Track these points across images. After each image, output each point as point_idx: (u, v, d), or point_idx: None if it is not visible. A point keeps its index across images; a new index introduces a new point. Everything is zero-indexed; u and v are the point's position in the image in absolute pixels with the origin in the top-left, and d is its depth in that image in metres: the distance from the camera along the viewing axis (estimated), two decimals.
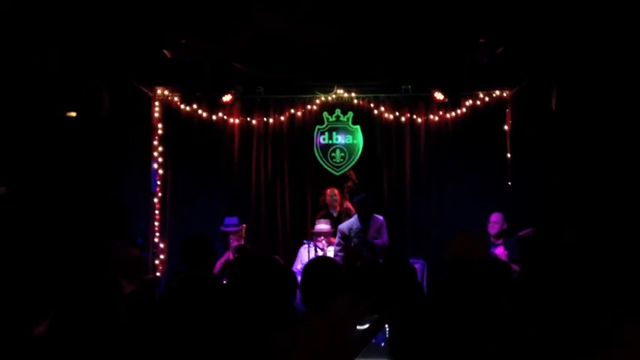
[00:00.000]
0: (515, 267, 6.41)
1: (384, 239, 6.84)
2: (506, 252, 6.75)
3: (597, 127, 6.63)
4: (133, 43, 7.06)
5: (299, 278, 3.19)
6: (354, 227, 6.79)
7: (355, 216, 7.04)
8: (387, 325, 3.08)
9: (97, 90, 7.46)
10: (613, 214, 6.07)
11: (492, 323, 2.71)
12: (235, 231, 7.29)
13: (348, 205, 7.61)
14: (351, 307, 1.50)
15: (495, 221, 6.99)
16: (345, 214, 7.59)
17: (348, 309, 1.50)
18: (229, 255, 6.95)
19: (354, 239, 6.70)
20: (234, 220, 7.45)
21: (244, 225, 7.40)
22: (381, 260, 6.66)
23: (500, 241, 6.89)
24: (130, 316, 3.72)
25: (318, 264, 3.16)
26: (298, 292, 3.07)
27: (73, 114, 7.03)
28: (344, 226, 6.98)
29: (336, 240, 7.06)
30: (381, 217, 6.99)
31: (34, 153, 6.58)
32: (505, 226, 6.97)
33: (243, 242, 7.21)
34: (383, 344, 3.21)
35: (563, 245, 6.02)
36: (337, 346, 1.48)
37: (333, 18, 6.79)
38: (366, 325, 1.54)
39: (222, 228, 7.38)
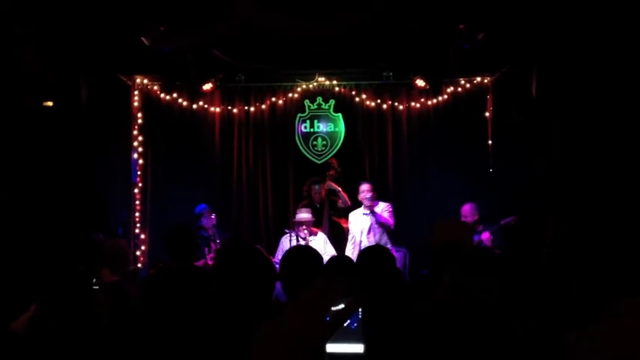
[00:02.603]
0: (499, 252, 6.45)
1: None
2: (491, 237, 6.77)
3: (579, 113, 6.66)
4: (112, 32, 6.96)
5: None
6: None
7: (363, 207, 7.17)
8: (359, 309, 3.08)
9: (75, 79, 7.37)
10: (596, 199, 6.11)
11: (477, 310, 2.71)
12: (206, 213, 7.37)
13: (332, 184, 7.58)
14: (324, 289, 1.49)
15: (465, 215, 6.94)
16: (329, 200, 7.59)
17: (320, 291, 1.49)
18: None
19: None
20: (202, 205, 7.50)
21: (214, 215, 7.39)
22: None
23: (479, 228, 6.90)
24: (111, 306, 3.70)
25: (296, 253, 3.14)
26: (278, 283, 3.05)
27: (50, 103, 6.93)
28: (352, 213, 7.27)
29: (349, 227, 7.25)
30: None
31: (10, 144, 6.48)
32: (476, 217, 6.93)
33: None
34: (355, 326, 3.21)
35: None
36: (310, 328, 1.47)
37: (314, 7, 6.74)
38: (340, 307, 1.54)
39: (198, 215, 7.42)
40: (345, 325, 2.76)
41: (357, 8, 6.78)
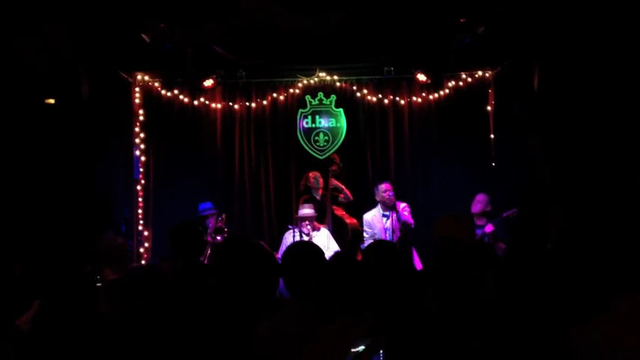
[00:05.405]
0: (503, 246, 6.47)
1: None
2: (494, 229, 6.81)
3: (581, 107, 6.63)
4: (112, 29, 6.95)
5: None
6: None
7: (378, 206, 7.28)
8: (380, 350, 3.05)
9: (76, 76, 7.36)
10: (598, 192, 6.10)
11: (479, 305, 2.70)
12: (212, 214, 7.45)
13: (336, 182, 7.60)
14: (346, 330, 1.47)
15: (479, 200, 7.07)
16: (331, 195, 7.58)
17: (342, 332, 1.47)
18: (208, 238, 7.02)
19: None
20: (208, 204, 7.59)
21: (224, 215, 7.43)
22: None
23: (482, 222, 6.93)
24: (114, 304, 3.69)
25: (297, 249, 3.13)
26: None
27: (52, 101, 6.93)
28: (368, 215, 7.34)
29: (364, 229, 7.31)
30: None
31: (13, 141, 6.48)
32: (488, 208, 7.04)
33: (223, 226, 7.27)
34: None
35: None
36: None
37: (316, 2, 6.74)
38: (361, 348, 1.51)
39: (200, 214, 7.49)
40: None
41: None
